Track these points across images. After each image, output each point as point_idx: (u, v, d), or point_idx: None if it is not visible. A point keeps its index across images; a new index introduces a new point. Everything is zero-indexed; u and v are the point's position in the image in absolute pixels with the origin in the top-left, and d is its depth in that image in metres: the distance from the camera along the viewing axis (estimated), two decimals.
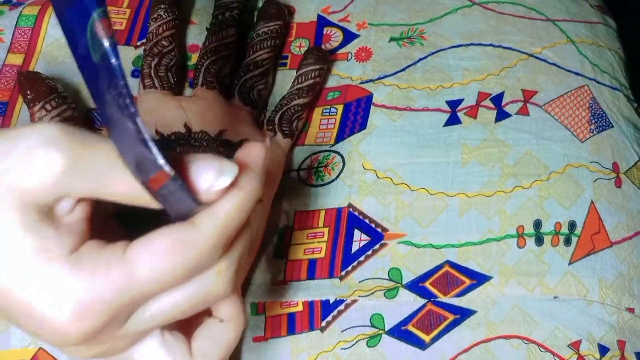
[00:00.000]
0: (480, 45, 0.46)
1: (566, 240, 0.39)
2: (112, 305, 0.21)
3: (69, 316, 0.21)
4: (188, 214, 0.22)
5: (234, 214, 0.22)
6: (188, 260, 0.22)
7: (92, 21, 0.19)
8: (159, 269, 0.21)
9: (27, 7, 0.48)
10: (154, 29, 0.44)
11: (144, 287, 0.22)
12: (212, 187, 0.22)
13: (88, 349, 0.23)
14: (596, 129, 0.43)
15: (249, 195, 0.23)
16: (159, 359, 0.25)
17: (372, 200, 0.41)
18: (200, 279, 0.23)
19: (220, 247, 0.22)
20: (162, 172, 0.21)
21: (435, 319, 0.37)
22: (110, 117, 0.21)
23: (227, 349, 0.26)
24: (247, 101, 0.42)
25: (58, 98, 0.41)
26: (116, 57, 0.19)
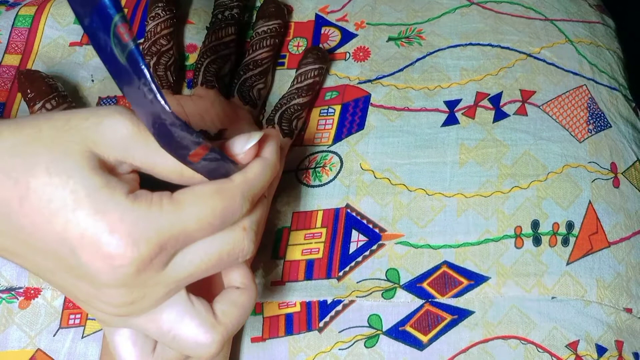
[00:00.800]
0: (478, 45, 0.46)
1: (564, 241, 0.39)
2: (162, 236, 0.24)
3: (125, 240, 0.24)
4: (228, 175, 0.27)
5: (259, 175, 0.28)
6: (224, 204, 0.26)
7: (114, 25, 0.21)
8: (201, 208, 0.25)
9: (23, 8, 0.48)
10: (151, 28, 0.44)
11: (189, 224, 0.25)
12: (245, 147, 0.27)
13: (127, 293, 0.25)
14: (594, 129, 0.43)
15: (270, 162, 0.28)
16: (185, 317, 0.27)
17: (370, 200, 0.41)
18: (229, 233, 0.27)
19: (247, 198, 0.27)
20: (202, 146, 0.25)
21: (433, 319, 0.37)
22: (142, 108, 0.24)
23: (244, 312, 0.29)
24: (247, 100, 0.42)
25: (58, 97, 0.41)
26: (142, 58, 0.22)
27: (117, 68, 0.23)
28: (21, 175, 0.24)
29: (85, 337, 0.37)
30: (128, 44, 0.22)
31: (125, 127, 0.25)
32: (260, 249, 0.39)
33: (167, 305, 0.27)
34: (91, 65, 0.46)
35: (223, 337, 0.28)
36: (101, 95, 0.45)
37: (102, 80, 0.45)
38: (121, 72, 0.23)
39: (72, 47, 0.47)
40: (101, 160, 0.25)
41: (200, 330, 0.27)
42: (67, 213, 0.24)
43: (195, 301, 0.27)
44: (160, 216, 0.25)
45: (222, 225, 0.26)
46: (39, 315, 0.38)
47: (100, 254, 0.24)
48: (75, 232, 0.24)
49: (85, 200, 0.24)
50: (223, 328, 0.28)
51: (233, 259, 0.27)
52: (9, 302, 0.38)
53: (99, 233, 0.24)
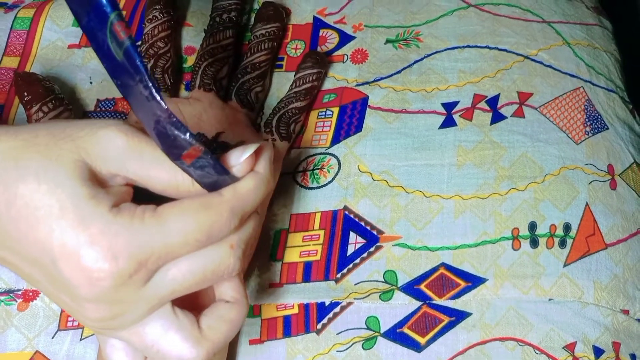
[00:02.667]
0: (476, 47, 0.46)
1: (561, 243, 0.39)
2: (143, 250, 0.24)
3: (104, 254, 0.23)
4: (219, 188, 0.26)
5: (251, 190, 0.27)
6: (211, 219, 0.25)
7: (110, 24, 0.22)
8: (186, 224, 0.25)
9: (22, 10, 0.48)
10: (149, 31, 0.44)
11: (172, 239, 0.24)
12: (241, 158, 0.27)
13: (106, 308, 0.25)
14: (591, 131, 0.43)
15: (263, 178, 0.27)
16: (169, 331, 0.26)
17: (368, 202, 0.41)
18: (215, 250, 0.26)
19: (237, 215, 0.26)
20: (195, 148, 0.24)
21: (431, 321, 0.37)
22: (139, 106, 0.24)
23: (232, 327, 0.28)
24: (245, 103, 0.42)
25: (55, 100, 0.41)
26: (138, 55, 0.22)
27: (114, 65, 0.23)
28: (11, 180, 0.24)
29: (84, 340, 0.38)
30: (124, 41, 0.22)
31: (120, 139, 0.25)
32: (258, 250, 0.39)
33: (151, 318, 0.26)
34: (89, 67, 0.46)
35: (208, 352, 0.27)
36: (99, 97, 0.45)
37: (100, 82, 0.45)
38: (118, 69, 0.23)
39: (71, 50, 0.47)
40: (92, 172, 0.25)
41: (185, 345, 0.26)
42: (51, 222, 0.23)
43: (180, 314, 0.27)
44: (142, 231, 0.24)
45: (208, 242, 0.25)
46: (38, 318, 0.38)
47: (79, 267, 0.24)
48: (57, 242, 0.23)
49: (70, 210, 0.24)
50: (209, 343, 0.27)
51: (218, 277, 0.26)
52: (7, 305, 0.38)
53: (79, 245, 0.23)
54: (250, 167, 0.27)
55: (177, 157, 0.25)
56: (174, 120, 0.24)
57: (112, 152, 0.25)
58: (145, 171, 0.25)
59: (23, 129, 0.25)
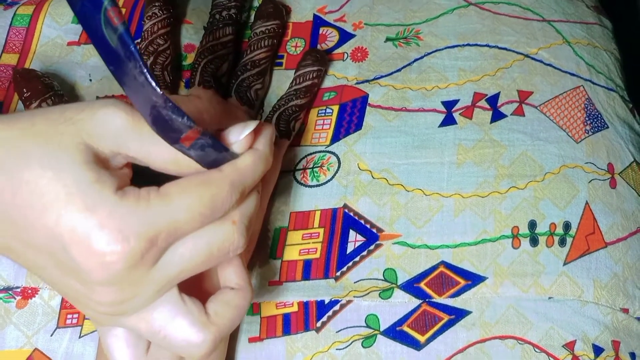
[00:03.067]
0: (476, 45, 0.46)
1: (561, 241, 0.39)
2: (152, 230, 0.24)
3: (115, 236, 0.24)
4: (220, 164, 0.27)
5: (250, 165, 0.27)
6: (212, 192, 0.25)
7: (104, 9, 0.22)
8: (190, 200, 0.25)
9: (21, 7, 0.48)
10: (148, 27, 0.44)
11: (178, 215, 0.25)
12: (241, 135, 0.27)
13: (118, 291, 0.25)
14: (591, 129, 0.43)
15: (262, 154, 0.28)
16: (177, 317, 0.26)
17: (368, 200, 0.41)
18: (219, 226, 0.26)
19: (237, 189, 0.26)
20: (193, 130, 0.25)
21: (430, 319, 0.37)
22: (134, 92, 0.24)
23: (238, 313, 0.28)
24: (244, 101, 0.42)
25: (55, 96, 0.41)
26: (132, 41, 0.22)
27: (109, 51, 0.23)
28: (14, 168, 0.24)
29: (83, 337, 0.37)
30: (118, 27, 0.22)
31: (120, 117, 0.25)
32: (258, 248, 0.39)
33: (159, 304, 0.26)
34: (89, 64, 0.46)
35: (215, 337, 0.27)
36: (99, 94, 0.45)
37: (100, 80, 0.45)
38: (112, 56, 0.23)
39: (70, 47, 0.47)
40: (95, 153, 0.25)
41: (192, 330, 0.27)
42: (59, 207, 0.23)
43: (187, 300, 0.27)
44: (149, 210, 0.24)
45: (212, 215, 0.26)
46: (37, 315, 0.38)
47: (90, 251, 0.24)
48: (67, 228, 0.24)
49: (76, 195, 0.24)
50: (215, 328, 0.27)
51: (224, 254, 0.27)
52: (6, 302, 0.38)
53: (89, 229, 0.24)
54: (250, 144, 0.28)
55: (175, 141, 0.25)
56: (170, 104, 0.24)
57: (112, 131, 0.25)
58: (146, 148, 0.26)
59: (20, 118, 0.25)
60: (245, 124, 0.28)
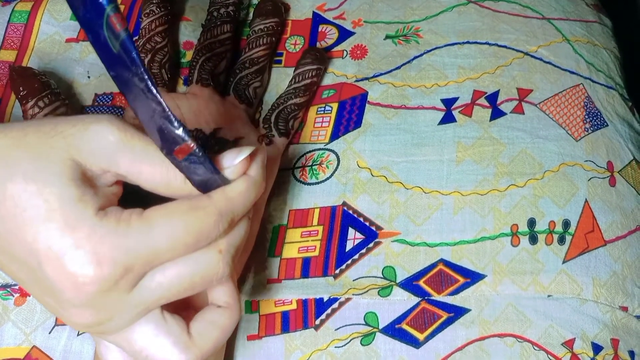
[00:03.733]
0: (475, 43, 0.46)
1: (560, 239, 0.39)
2: (129, 255, 0.23)
3: (89, 259, 0.23)
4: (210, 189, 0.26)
5: (241, 193, 0.26)
6: (198, 223, 0.24)
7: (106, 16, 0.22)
8: (173, 227, 0.24)
9: (20, 3, 0.47)
10: (146, 25, 0.44)
11: (158, 243, 0.24)
12: (235, 160, 0.26)
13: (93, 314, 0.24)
14: (591, 127, 0.43)
15: (255, 181, 0.27)
16: (158, 336, 0.26)
17: (367, 198, 0.41)
18: (203, 255, 0.25)
19: (226, 218, 0.25)
20: (187, 144, 0.24)
21: (429, 317, 0.37)
22: (134, 99, 0.24)
23: (223, 333, 0.27)
24: (243, 99, 0.42)
25: (51, 94, 0.41)
26: (134, 47, 0.22)
27: (111, 57, 0.23)
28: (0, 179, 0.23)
29: (81, 335, 0.37)
30: (120, 34, 0.22)
31: (112, 133, 0.24)
32: (257, 246, 0.39)
33: (140, 323, 0.26)
34: (87, 61, 0.46)
35: (197, 358, 0.26)
36: (97, 91, 0.45)
37: (98, 77, 0.45)
38: (114, 62, 0.23)
39: (69, 44, 0.46)
40: (82, 170, 0.24)
41: (174, 351, 0.26)
42: (38, 223, 0.23)
43: (169, 319, 0.26)
44: (128, 235, 0.24)
45: (196, 246, 0.25)
46: (35, 312, 0.38)
47: (64, 271, 0.23)
48: (43, 245, 0.23)
49: (57, 212, 0.23)
50: (197, 349, 0.26)
51: (207, 283, 0.26)
52: (4, 299, 0.38)
53: (65, 248, 0.23)
54: (244, 170, 0.27)
55: (169, 152, 0.25)
56: (168, 114, 0.24)
57: (103, 148, 0.24)
58: (136, 166, 0.25)
59: (12, 127, 0.25)
60: (240, 149, 0.27)
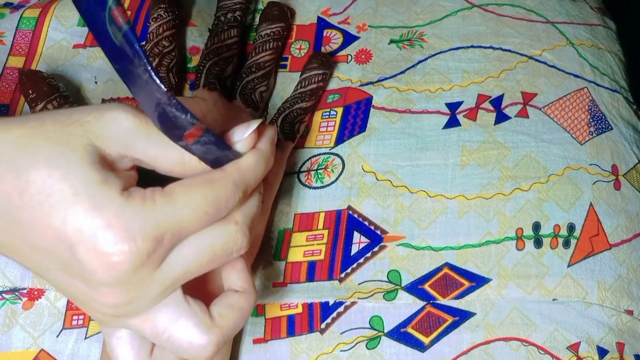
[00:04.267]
0: (480, 47, 0.46)
1: (565, 243, 0.39)
2: (158, 229, 0.24)
3: (122, 236, 0.24)
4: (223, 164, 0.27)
5: (252, 165, 0.28)
6: (216, 191, 0.26)
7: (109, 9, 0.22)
8: (194, 199, 0.25)
9: (27, 10, 0.48)
10: (154, 29, 0.44)
11: (183, 215, 0.25)
12: (245, 134, 0.28)
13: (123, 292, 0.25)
14: (595, 131, 0.43)
15: (264, 154, 0.28)
16: (181, 318, 0.27)
17: (372, 202, 0.41)
18: (222, 227, 0.27)
19: (240, 188, 0.27)
20: (197, 127, 0.25)
21: (435, 321, 0.37)
22: (139, 90, 0.24)
23: (242, 315, 0.29)
24: (249, 103, 0.42)
25: (60, 97, 0.42)
26: (137, 39, 0.23)
27: (114, 49, 0.23)
28: (22, 167, 0.24)
29: (89, 338, 0.38)
30: (122, 26, 0.22)
31: (127, 119, 0.25)
32: (262, 250, 0.39)
33: (163, 305, 0.27)
34: (94, 67, 0.46)
35: (219, 339, 0.27)
36: (104, 97, 0.45)
37: (105, 82, 0.46)
38: (117, 54, 0.23)
39: (76, 49, 0.47)
40: (101, 155, 0.25)
41: (196, 332, 0.27)
42: (65, 207, 0.24)
43: (191, 302, 0.27)
44: (155, 210, 0.25)
45: (216, 214, 0.26)
46: (43, 316, 0.38)
47: (97, 251, 0.24)
48: (73, 228, 0.24)
49: (83, 195, 0.24)
50: (219, 330, 0.27)
51: (227, 254, 0.27)
52: (12, 303, 0.38)
53: (96, 229, 0.24)
54: (253, 144, 0.28)
55: (179, 138, 0.25)
56: (174, 101, 0.24)
57: (119, 134, 0.25)
58: (152, 151, 0.26)
59: (30, 118, 0.25)
60: (249, 123, 0.28)
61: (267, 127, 0.29)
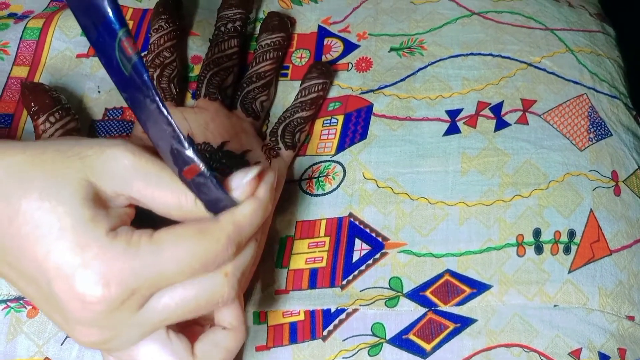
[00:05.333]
0: (479, 54, 0.46)
1: (566, 249, 0.39)
2: (136, 277, 0.24)
3: (97, 279, 0.23)
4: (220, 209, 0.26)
5: (249, 216, 0.26)
6: (206, 247, 0.24)
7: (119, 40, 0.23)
8: (181, 251, 0.24)
9: (32, 20, 0.48)
10: (155, 40, 0.45)
11: (166, 266, 0.24)
12: (243, 180, 0.26)
13: (98, 333, 0.25)
14: (595, 137, 0.43)
15: (262, 204, 0.27)
16: (162, 354, 0.26)
17: (373, 209, 0.41)
18: (209, 278, 0.25)
19: (234, 242, 0.25)
20: (195, 165, 0.25)
21: (436, 327, 0.37)
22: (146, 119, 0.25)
23: (228, 355, 0.27)
24: (249, 112, 0.43)
25: (62, 110, 0.42)
26: (145, 70, 0.23)
27: (123, 79, 0.24)
28: (14, 195, 0.24)
29: None
30: (132, 57, 0.23)
31: (127, 158, 0.25)
32: (264, 257, 0.40)
33: (145, 341, 0.26)
34: (98, 76, 0.47)
35: None
36: (107, 106, 0.45)
37: (108, 92, 0.46)
38: (126, 83, 0.24)
39: (79, 59, 0.47)
40: (96, 191, 0.25)
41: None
42: (50, 242, 0.23)
43: (174, 339, 0.26)
44: (137, 258, 0.24)
45: (203, 269, 0.25)
46: (47, 324, 0.38)
47: (72, 290, 0.24)
48: (53, 263, 0.23)
49: (69, 231, 0.23)
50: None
51: (212, 306, 0.26)
52: (17, 311, 0.39)
53: (75, 268, 0.23)
54: (252, 191, 0.27)
55: (179, 172, 0.25)
56: (178, 134, 0.24)
57: (118, 171, 0.25)
58: (149, 191, 0.25)
59: (31, 145, 0.25)
60: (248, 170, 0.26)
61: (266, 173, 0.27)
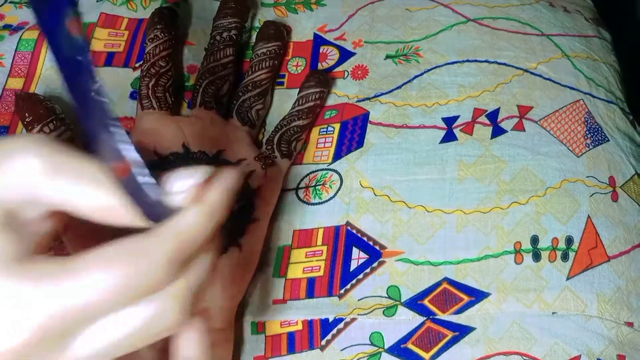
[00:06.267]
0: (475, 61, 0.46)
1: (563, 256, 0.39)
2: (50, 316, 0.19)
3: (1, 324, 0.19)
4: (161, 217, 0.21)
5: (195, 226, 0.21)
6: (141, 270, 0.20)
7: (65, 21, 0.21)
8: (109, 279, 0.20)
9: (27, 32, 0.48)
10: (150, 50, 0.45)
11: (89, 297, 0.19)
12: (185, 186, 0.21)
13: None
14: (592, 143, 0.43)
15: (213, 210, 0.21)
16: None
17: (370, 217, 0.41)
18: (153, 301, 0.21)
19: (177, 261, 0.21)
20: (125, 164, 0.20)
21: (435, 336, 0.37)
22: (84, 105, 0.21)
23: None
24: (245, 121, 0.43)
25: (56, 120, 0.42)
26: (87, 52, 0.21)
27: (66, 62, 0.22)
28: None
29: None
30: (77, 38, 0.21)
31: (33, 167, 0.21)
32: (261, 267, 0.39)
33: None
34: None
35: None
36: None
37: None
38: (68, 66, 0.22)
39: None
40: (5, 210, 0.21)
41: None
42: None
43: None
44: (51, 291, 0.19)
45: (139, 297, 0.20)
46: None
47: None
48: None
49: None
50: None
51: (157, 334, 0.21)
52: None
53: None
54: (198, 195, 0.21)
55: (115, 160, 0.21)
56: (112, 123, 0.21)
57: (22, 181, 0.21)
58: (65, 195, 0.21)
59: None
60: (193, 170, 0.22)
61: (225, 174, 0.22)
